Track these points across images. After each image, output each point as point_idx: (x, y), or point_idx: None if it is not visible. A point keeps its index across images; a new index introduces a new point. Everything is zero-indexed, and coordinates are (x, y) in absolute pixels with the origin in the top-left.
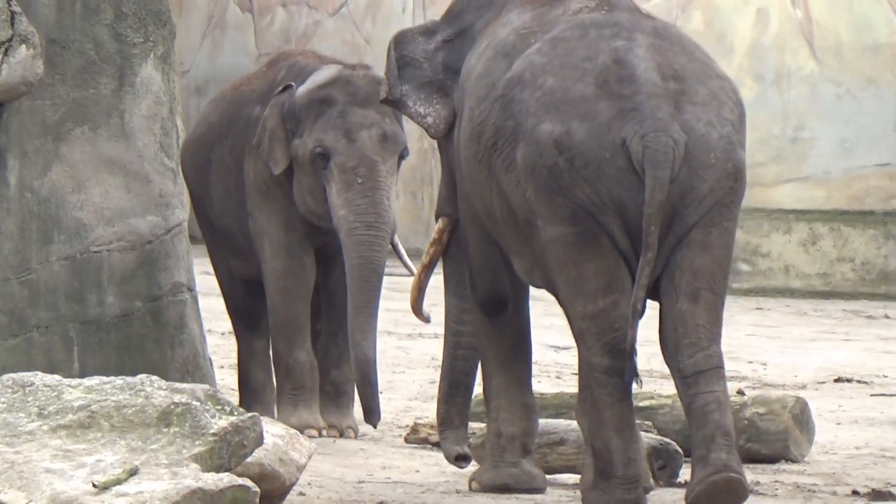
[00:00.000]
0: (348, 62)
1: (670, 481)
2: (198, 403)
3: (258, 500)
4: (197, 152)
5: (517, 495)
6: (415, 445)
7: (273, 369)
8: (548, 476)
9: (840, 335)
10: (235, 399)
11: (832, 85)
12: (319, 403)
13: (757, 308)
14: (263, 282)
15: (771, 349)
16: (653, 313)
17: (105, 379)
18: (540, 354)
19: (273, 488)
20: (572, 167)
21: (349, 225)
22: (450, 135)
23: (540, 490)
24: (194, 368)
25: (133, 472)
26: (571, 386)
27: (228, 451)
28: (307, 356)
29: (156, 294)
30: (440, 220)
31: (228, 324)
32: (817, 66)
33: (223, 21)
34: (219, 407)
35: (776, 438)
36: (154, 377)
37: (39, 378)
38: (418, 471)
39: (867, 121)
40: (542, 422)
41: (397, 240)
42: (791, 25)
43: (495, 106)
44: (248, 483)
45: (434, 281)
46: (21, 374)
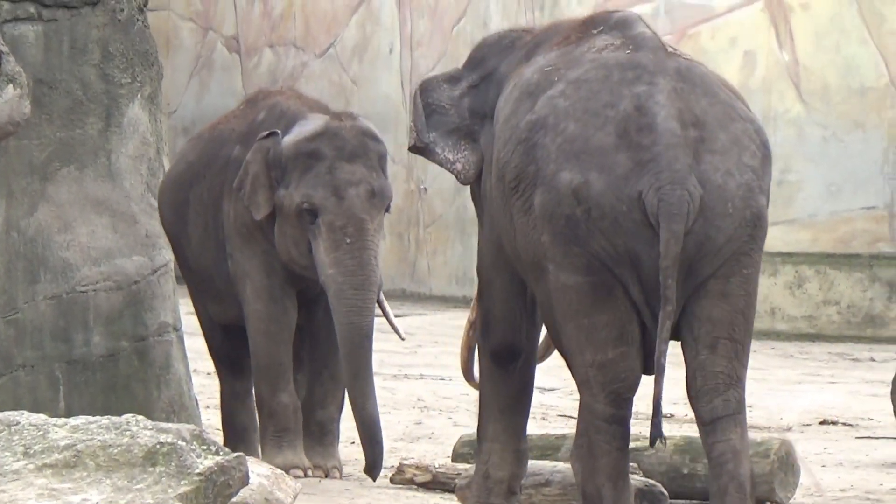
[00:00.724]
0: (329, 108)
1: None
2: (183, 443)
3: None
4: (174, 192)
5: None
6: (400, 486)
7: (256, 411)
8: None
9: (826, 378)
10: (221, 439)
11: (819, 128)
12: (304, 443)
13: None
14: (245, 324)
15: (757, 391)
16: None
17: (91, 418)
18: None
19: None
20: (589, 218)
21: (338, 286)
22: (480, 181)
23: None
24: (180, 408)
25: None
26: (556, 427)
27: (214, 491)
28: (290, 398)
29: (142, 334)
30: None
31: (212, 363)
32: (804, 109)
33: (210, 62)
34: (204, 447)
35: (762, 481)
36: (140, 417)
37: (25, 417)
38: None
39: (854, 164)
40: (528, 463)
41: (382, 297)
42: (778, 68)
43: (518, 148)
44: None
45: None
46: (7, 413)
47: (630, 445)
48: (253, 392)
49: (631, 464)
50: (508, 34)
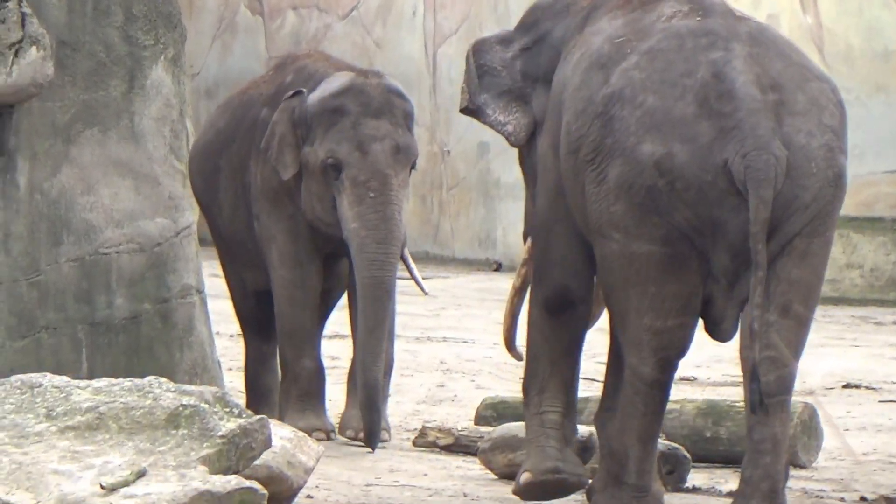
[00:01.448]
0: (358, 67)
1: (678, 486)
2: (206, 406)
3: (266, 503)
4: (205, 160)
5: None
6: (423, 449)
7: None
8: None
9: (848, 341)
10: (243, 401)
11: (842, 91)
12: (356, 405)
13: None
14: (272, 289)
15: None
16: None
17: (113, 381)
18: None
19: (281, 491)
20: (672, 190)
21: (360, 240)
22: (531, 143)
23: (582, 480)
24: (203, 371)
25: (141, 474)
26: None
27: (237, 454)
28: (314, 362)
29: (165, 296)
30: (530, 239)
31: (237, 326)
32: (827, 73)
33: (233, 24)
34: (227, 409)
35: None
36: (162, 379)
37: (48, 379)
38: (426, 474)
39: (877, 127)
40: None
41: (407, 253)
42: (801, 32)
43: (595, 122)
44: (256, 486)
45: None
46: (29, 376)
47: None
48: (277, 355)
49: None
50: None
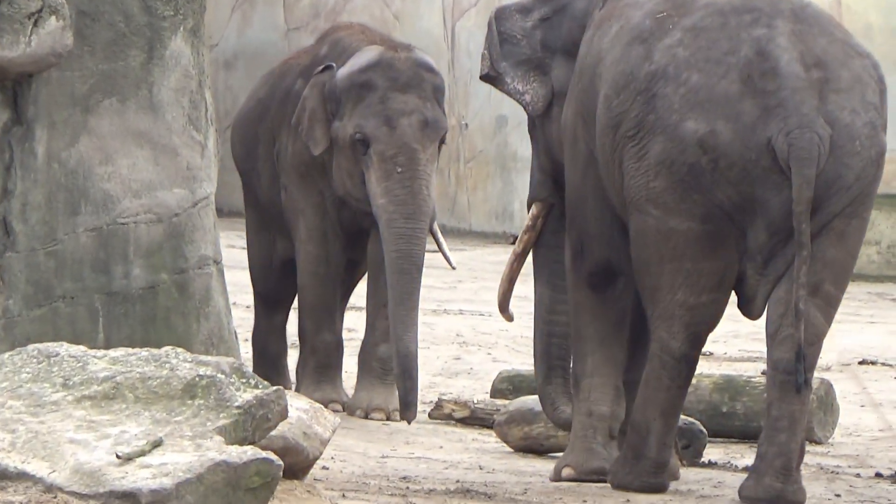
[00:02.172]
0: (391, 40)
1: (694, 461)
2: (223, 376)
3: (282, 474)
4: (245, 129)
5: (543, 481)
6: (438, 421)
7: (286, 342)
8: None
9: (865, 318)
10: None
11: None
12: (366, 382)
13: None
14: (296, 261)
15: None
16: None
17: (130, 351)
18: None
19: (297, 462)
20: (716, 168)
21: (388, 215)
22: (547, 113)
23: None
24: (219, 341)
25: (157, 444)
26: None
27: (253, 425)
28: (333, 336)
29: (182, 267)
30: (534, 206)
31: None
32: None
33: None
34: (244, 380)
35: None
36: (179, 349)
37: (65, 349)
38: (441, 447)
39: (894, 104)
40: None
41: (437, 228)
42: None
43: (638, 98)
44: (272, 456)
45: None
46: (46, 345)
47: None
48: (285, 326)
49: None
50: None
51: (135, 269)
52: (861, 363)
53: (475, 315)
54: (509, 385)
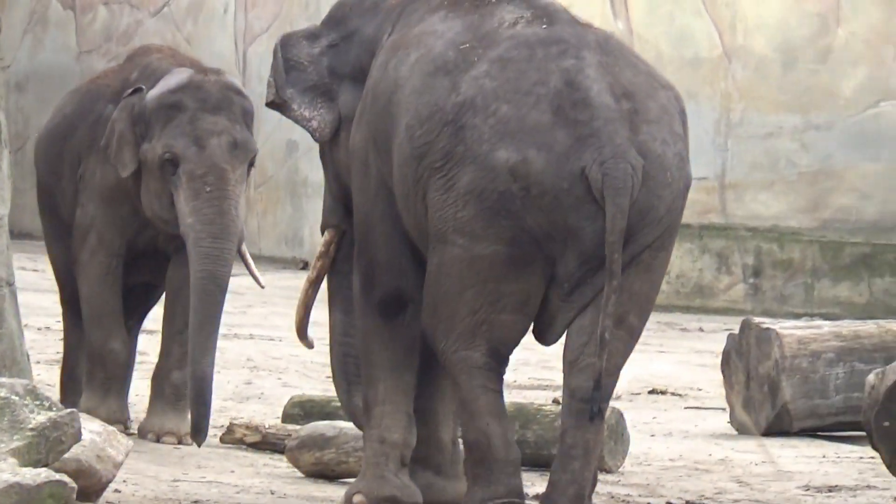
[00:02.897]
0: (200, 64)
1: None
2: (17, 398)
3: (75, 496)
4: (50, 144)
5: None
6: (230, 446)
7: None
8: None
9: (655, 347)
10: (55, 394)
11: None
12: (157, 407)
13: None
14: (77, 272)
15: None
16: None
17: None
18: None
19: (90, 484)
20: (527, 195)
21: (196, 234)
22: (335, 139)
23: None
24: (11, 363)
25: None
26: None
27: (47, 447)
28: (123, 347)
29: None
30: (327, 233)
31: (46, 319)
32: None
33: (45, 18)
34: (38, 402)
35: None
36: None
37: None
38: (233, 471)
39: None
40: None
41: (245, 248)
42: None
43: (445, 130)
44: (66, 479)
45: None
46: None
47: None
48: None
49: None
50: None
51: None
52: (651, 392)
53: (266, 340)
54: (300, 410)
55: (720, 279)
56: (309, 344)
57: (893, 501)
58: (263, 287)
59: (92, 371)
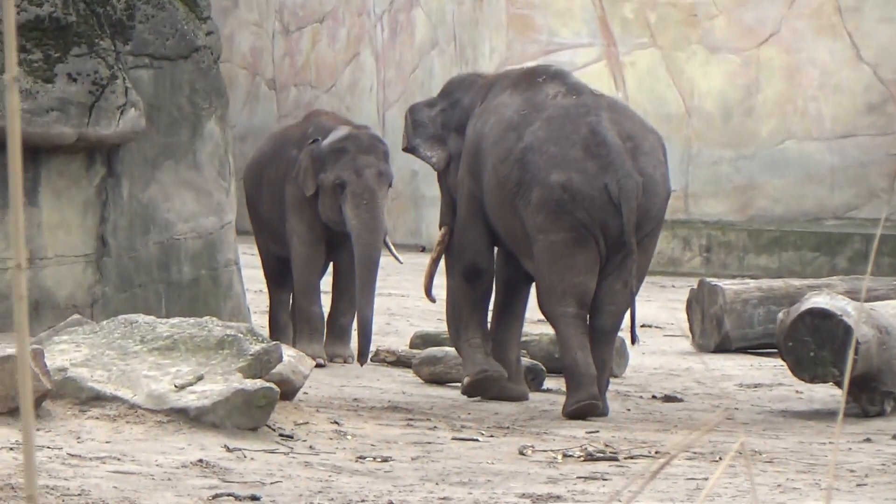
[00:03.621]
0: (354, 123)
1: (538, 388)
2: (241, 335)
3: (278, 397)
4: (254, 170)
5: (443, 401)
6: (376, 364)
7: (293, 316)
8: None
9: (644, 298)
10: (264, 333)
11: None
12: (329, 339)
13: None
14: (291, 260)
15: None
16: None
17: (183, 319)
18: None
19: (288, 390)
20: (574, 200)
21: (357, 232)
22: (447, 170)
23: (504, 377)
24: (238, 314)
25: (200, 378)
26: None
27: (260, 366)
28: (319, 309)
29: (214, 266)
30: (443, 228)
31: (260, 285)
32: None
33: (257, 95)
34: (255, 338)
35: None
36: (214, 318)
37: (141, 318)
38: (378, 380)
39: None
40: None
41: (388, 240)
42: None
43: (516, 166)
44: (272, 386)
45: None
46: (129, 315)
47: (523, 339)
48: (290, 303)
49: (522, 350)
50: (469, 77)
51: (185, 268)
52: (642, 326)
53: (398, 296)
54: (421, 340)
55: (685, 254)
56: (432, 299)
57: (796, 393)
58: (402, 263)
59: (301, 326)
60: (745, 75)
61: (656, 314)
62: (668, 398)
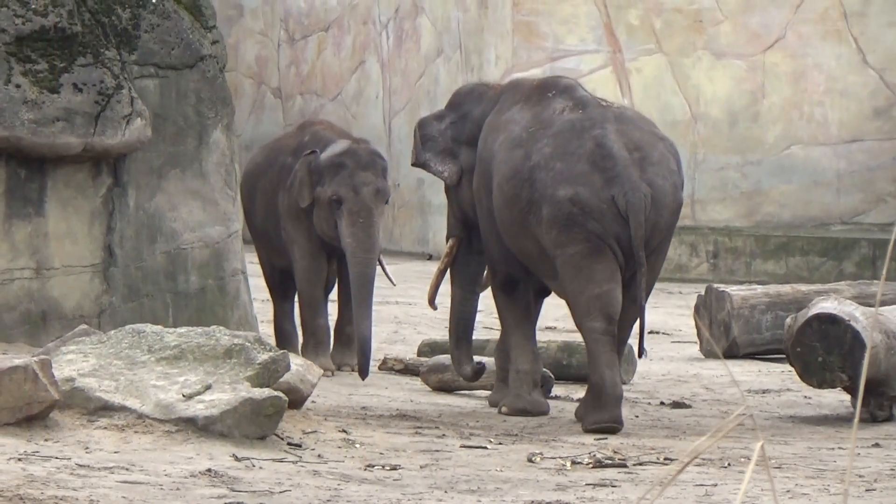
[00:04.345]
0: (353, 136)
1: (546, 395)
2: (249, 344)
3: (286, 405)
4: (249, 181)
5: (451, 409)
6: (384, 372)
7: (296, 324)
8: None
9: (652, 304)
10: (272, 342)
11: None
12: (335, 347)
13: None
14: (294, 273)
15: None
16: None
17: (190, 328)
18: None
19: (296, 398)
20: (583, 212)
21: (352, 249)
22: (459, 182)
23: (546, 413)
24: (245, 323)
25: (208, 387)
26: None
27: (268, 375)
28: (324, 321)
29: (221, 275)
30: (451, 240)
31: (266, 294)
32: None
33: (262, 103)
34: (262, 347)
35: None
36: (221, 327)
37: (149, 328)
38: (386, 388)
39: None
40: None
41: (382, 258)
42: None
43: (525, 184)
44: (280, 394)
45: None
46: (137, 325)
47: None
48: (294, 312)
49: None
50: (477, 87)
51: (192, 277)
52: (650, 332)
53: (405, 304)
54: (429, 348)
55: (692, 261)
56: (434, 307)
57: (804, 399)
58: (395, 284)
59: (307, 339)
60: (751, 81)
61: (664, 320)
62: (677, 404)
